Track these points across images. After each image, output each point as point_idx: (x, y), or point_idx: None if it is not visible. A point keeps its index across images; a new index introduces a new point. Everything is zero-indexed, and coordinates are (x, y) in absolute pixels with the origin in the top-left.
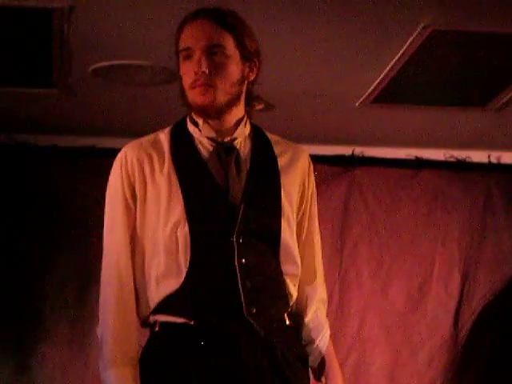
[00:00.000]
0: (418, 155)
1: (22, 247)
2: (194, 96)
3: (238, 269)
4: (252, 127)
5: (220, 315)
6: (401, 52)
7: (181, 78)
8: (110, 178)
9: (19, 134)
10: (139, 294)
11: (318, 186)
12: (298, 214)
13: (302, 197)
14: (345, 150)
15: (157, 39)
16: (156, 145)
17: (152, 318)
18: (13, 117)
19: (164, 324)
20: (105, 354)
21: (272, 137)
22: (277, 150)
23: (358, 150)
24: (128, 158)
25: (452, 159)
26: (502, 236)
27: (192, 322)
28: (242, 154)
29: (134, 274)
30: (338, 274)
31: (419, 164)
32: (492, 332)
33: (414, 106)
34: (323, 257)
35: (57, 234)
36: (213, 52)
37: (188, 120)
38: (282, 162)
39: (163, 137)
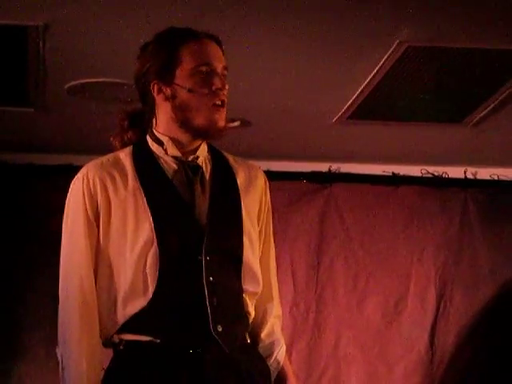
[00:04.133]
0: (395, 171)
1: None
2: (214, 116)
3: (206, 287)
4: (208, 146)
5: (187, 333)
6: (376, 68)
7: (188, 92)
8: (69, 198)
9: None
10: (102, 314)
11: (294, 202)
12: None
13: (258, 215)
14: (321, 167)
15: (132, 56)
16: (117, 164)
17: (117, 337)
18: None
19: (129, 343)
20: (69, 375)
21: (227, 155)
22: (234, 168)
23: (335, 167)
24: (90, 177)
25: (429, 175)
26: (477, 252)
27: (158, 340)
28: (204, 172)
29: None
30: (315, 291)
31: (396, 180)
32: (468, 349)
33: (391, 122)
34: (300, 273)
35: (33, 253)
36: (224, 74)
37: (149, 139)
38: (240, 180)
39: (124, 156)
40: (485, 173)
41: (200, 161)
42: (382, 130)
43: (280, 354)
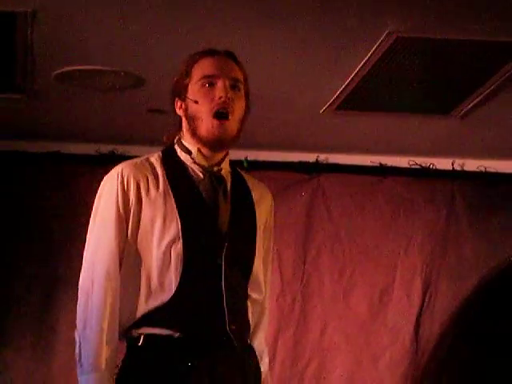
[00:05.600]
0: (382, 162)
1: None
2: (214, 126)
3: (224, 288)
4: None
5: (204, 329)
6: (365, 59)
7: (194, 103)
8: (101, 193)
9: None
10: (122, 306)
11: (282, 192)
12: None
13: (264, 231)
14: (309, 157)
15: (120, 44)
16: (150, 167)
17: (135, 332)
18: None
19: (148, 336)
20: (87, 357)
21: (242, 172)
22: (249, 184)
23: (323, 157)
24: (124, 175)
25: (416, 166)
26: (464, 243)
27: (177, 335)
28: (227, 183)
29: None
30: (301, 282)
31: (383, 171)
32: (453, 340)
33: (379, 113)
34: (287, 264)
35: (20, 240)
36: (234, 85)
37: (177, 147)
38: (254, 195)
39: (155, 161)
40: (472, 165)
41: (223, 173)
42: (370, 120)
43: (266, 365)
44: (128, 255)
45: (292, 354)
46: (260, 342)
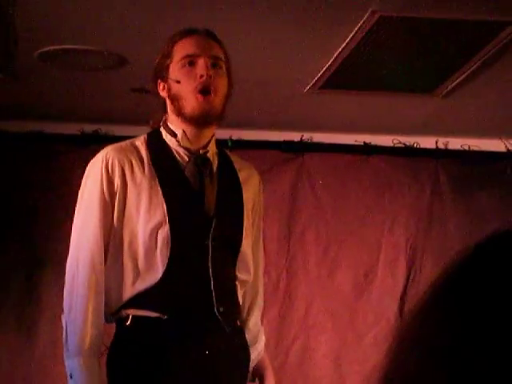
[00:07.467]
0: (367, 141)
1: None
2: (198, 102)
3: (211, 270)
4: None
5: (192, 311)
6: (349, 38)
7: (177, 83)
8: (87, 177)
9: None
10: (110, 288)
11: (266, 171)
12: None
13: (253, 211)
14: (293, 136)
15: (104, 24)
16: (135, 150)
17: (124, 312)
18: None
19: (137, 318)
20: (74, 341)
21: (229, 153)
22: (236, 165)
23: (307, 136)
24: (109, 159)
25: (400, 145)
26: (448, 221)
27: (165, 317)
28: (213, 165)
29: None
30: (286, 261)
31: (367, 150)
32: (436, 319)
33: (363, 92)
34: (272, 243)
35: (3, 221)
36: (215, 63)
37: (163, 130)
38: (241, 176)
39: (140, 144)
40: (456, 143)
41: (209, 154)
42: (354, 99)
43: (263, 343)
44: (114, 238)
45: (277, 332)
46: (255, 323)
